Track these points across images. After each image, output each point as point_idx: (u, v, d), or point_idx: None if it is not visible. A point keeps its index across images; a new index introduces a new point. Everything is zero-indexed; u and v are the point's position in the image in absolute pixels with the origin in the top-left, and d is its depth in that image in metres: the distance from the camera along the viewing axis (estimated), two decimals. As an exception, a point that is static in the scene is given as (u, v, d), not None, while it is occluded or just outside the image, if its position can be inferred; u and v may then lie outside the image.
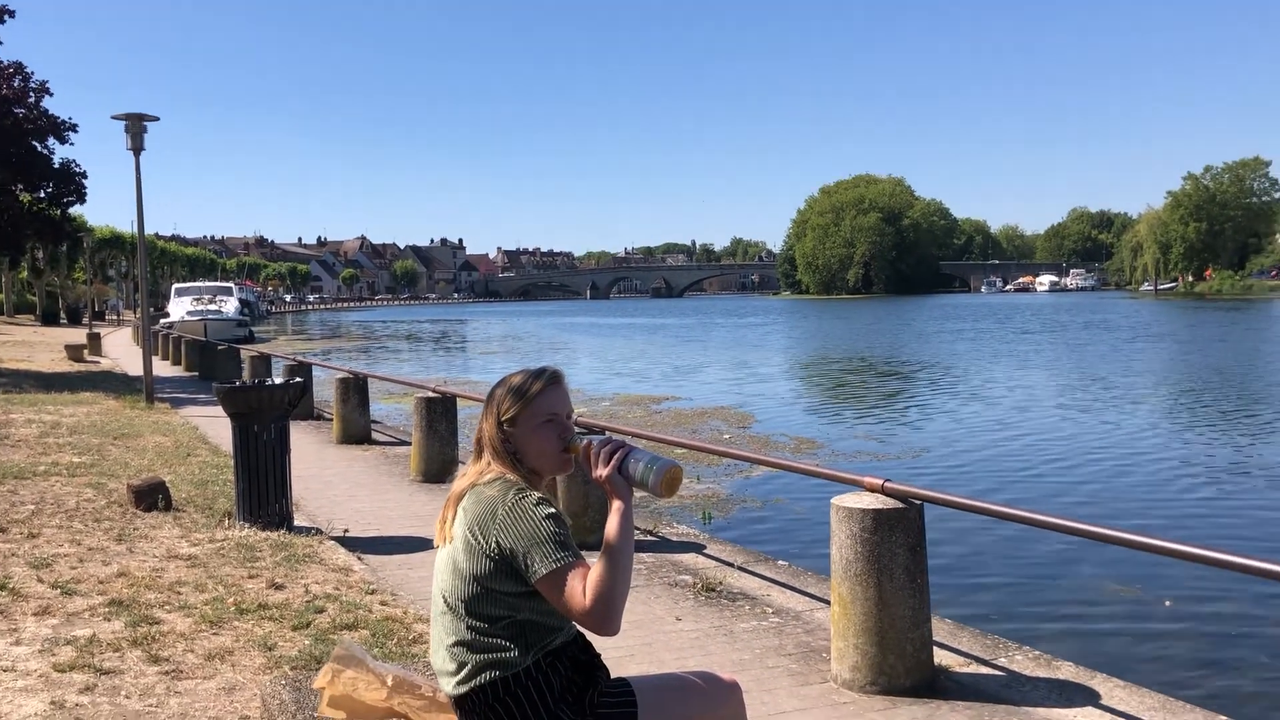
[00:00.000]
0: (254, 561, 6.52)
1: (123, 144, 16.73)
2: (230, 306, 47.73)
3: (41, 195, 26.85)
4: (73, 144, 28.08)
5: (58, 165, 26.27)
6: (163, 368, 27.40)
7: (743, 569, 6.79)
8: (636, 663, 4.88)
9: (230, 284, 64.48)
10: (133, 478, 8.74)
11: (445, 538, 2.65)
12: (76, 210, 30.58)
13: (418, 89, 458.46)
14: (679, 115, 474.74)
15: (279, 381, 8.19)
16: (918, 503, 4.56)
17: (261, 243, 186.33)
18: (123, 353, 35.30)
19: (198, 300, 47.29)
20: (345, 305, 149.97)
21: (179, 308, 46.62)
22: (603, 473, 2.54)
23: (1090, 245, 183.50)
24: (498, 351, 44.74)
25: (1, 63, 24.84)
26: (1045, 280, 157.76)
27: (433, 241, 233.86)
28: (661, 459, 2.52)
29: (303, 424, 14.76)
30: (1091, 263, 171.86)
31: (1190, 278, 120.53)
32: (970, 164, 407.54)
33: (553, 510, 2.54)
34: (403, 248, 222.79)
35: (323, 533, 7.58)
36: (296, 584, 6.03)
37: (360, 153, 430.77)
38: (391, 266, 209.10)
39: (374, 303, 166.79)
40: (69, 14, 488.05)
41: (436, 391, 10.90)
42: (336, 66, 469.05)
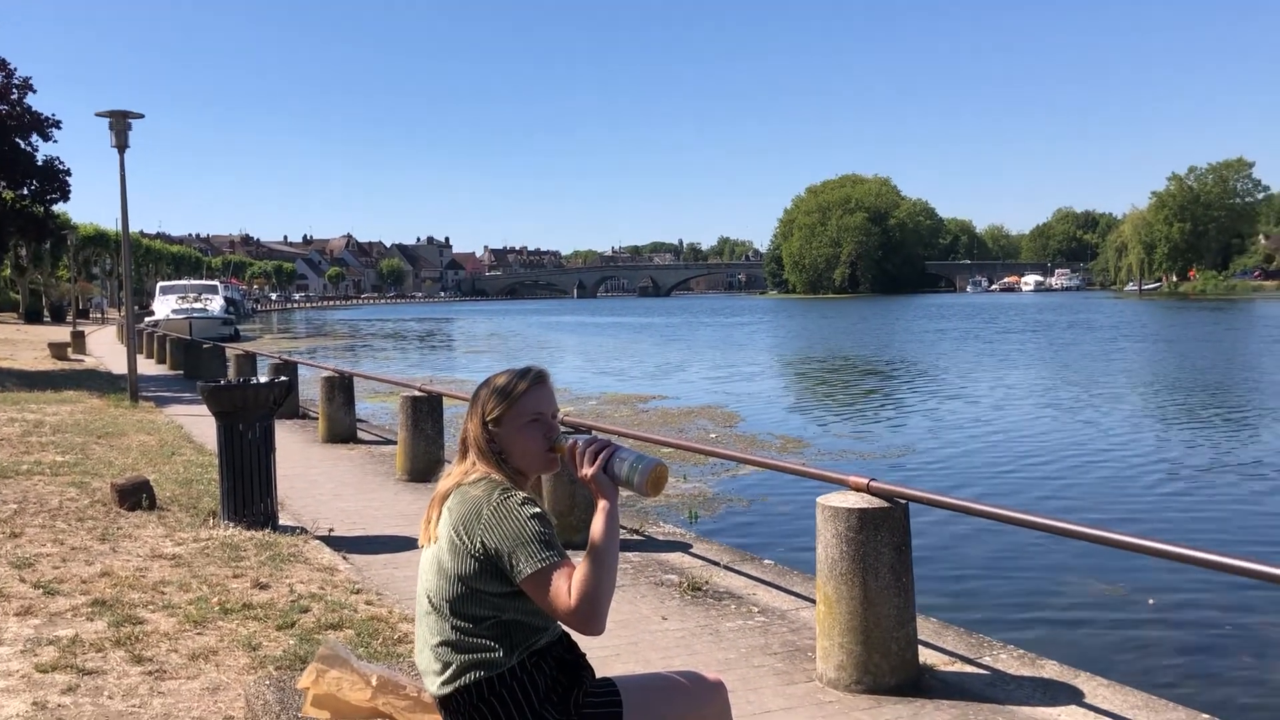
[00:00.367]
0: (238, 561, 6.49)
1: (107, 141, 16.66)
2: (215, 305, 47.58)
3: (25, 192, 26.71)
4: (56, 141, 28.02)
5: (41, 162, 26.17)
6: (147, 366, 27.27)
7: (729, 568, 6.79)
8: (622, 662, 4.88)
9: (215, 282, 64.30)
10: (116, 477, 8.70)
11: (430, 538, 2.64)
12: (60, 207, 30.50)
13: (405, 87, 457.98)
14: (666, 115, 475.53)
15: (264, 380, 8.16)
16: (903, 502, 4.57)
17: (247, 241, 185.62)
18: (107, 351, 35.13)
19: (183, 298, 47.12)
20: (331, 304, 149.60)
21: (164, 306, 46.44)
22: (588, 472, 2.53)
23: (1075, 245, 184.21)
24: (484, 350, 44.68)
25: (-16, 60, 24.71)
26: (1030, 280, 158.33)
27: (419, 240, 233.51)
28: (647, 458, 2.52)
29: (288, 423, 14.71)
30: (1076, 263, 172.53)
31: (1174, 278, 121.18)
32: (956, 164, 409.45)
33: (538, 510, 2.53)
34: (389, 246, 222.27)
35: (308, 532, 7.56)
36: (281, 584, 6.01)
37: (347, 151, 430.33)
38: (378, 265, 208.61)
39: (360, 301, 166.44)
40: (52, 10, 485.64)
41: (422, 390, 10.88)
42: (323, 65, 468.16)
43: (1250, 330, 46.12)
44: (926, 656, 4.87)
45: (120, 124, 16.59)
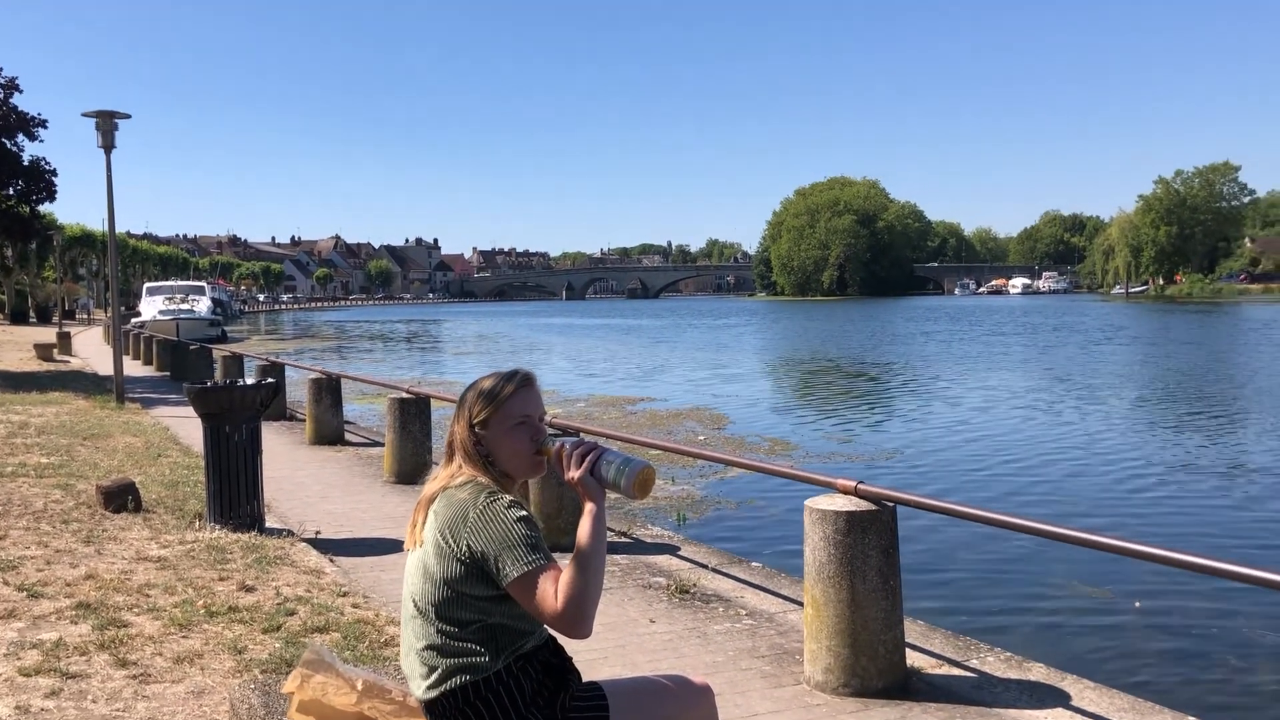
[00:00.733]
0: (224, 564, 6.46)
1: (93, 140, 16.58)
2: (203, 306, 47.43)
3: (10, 193, 26.58)
4: (43, 141, 27.86)
5: (27, 163, 26.03)
6: (134, 367, 27.15)
7: (717, 571, 6.79)
8: (609, 665, 4.87)
9: (203, 283, 64.09)
10: (102, 479, 8.66)
11: (416, 541, 2.63)
12: (46, 208, 30.34)
13: (394, 88, 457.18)
14: (656, 117, 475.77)
15: (251, 382, 8.12)
16: (890, 505, 4.57)
17: (235, 242, 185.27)
18: (93, 352, 34.98)
19: (170, 299, 46.95)
20: (319, 305, 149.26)
21: (151, 307, 46.26)
22: (575, 475, 2.53)
23: (1063, 248, 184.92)
24: (472, 352, 44.62)
25: (-31, 60, 24.62)
26: (1018, 283, 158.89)
27: (408, 241, 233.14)
28: (634, 460, 2.51)
29: (275, 425, 14.67)
30: (1064, 265, 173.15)
31: (1161, 281, 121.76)
32: (945, 167, 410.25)
33: (524, 513, 2.53)
34: (377, 247, 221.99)
35: (294, 534, 7.53)
36: (267, 586, 5.98)
37: (335, 151, 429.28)
38: (366, 266, 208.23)
39: (348, 303, 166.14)
40: (39, 9, 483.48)
41: (410, 392, 10.85)
42: (311, 65, 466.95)
43: (1235, 333, 46.34)
44: (914, 659, 4.87)
45: (107, 124, 16.51)
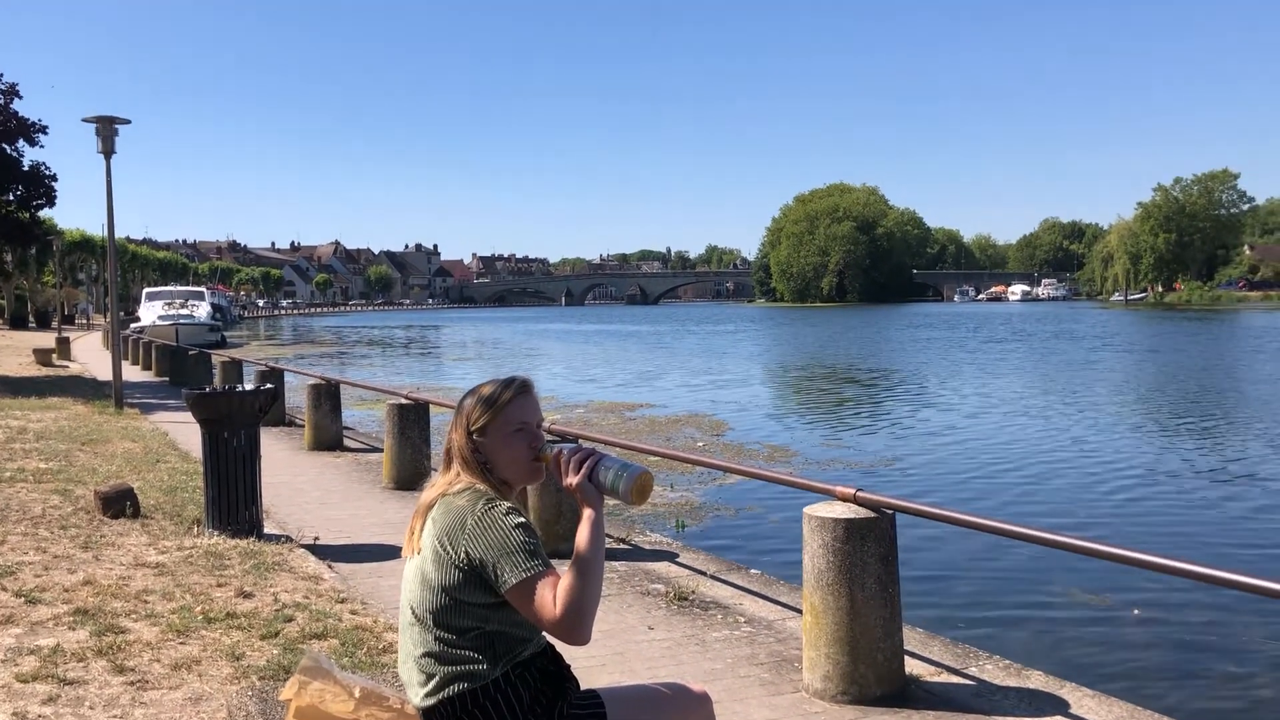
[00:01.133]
0: (223, 570, 6.45)
1: (93, 146, 16.58)
2: (202, 311, 47.41)
3: (10, 198, 26.58)
4: (42, 146, 27.83)
5: (27, 168, 26.03)
6: (133, 373, 27.12)
7: (715, 578, 6.78)
8: (608, 673, 4.86)
9: (202, 289, 64.08)
10: (100, 484, 8.64)
11: (414, 549, 2.62)
12: (46, 213, 30.32)
13: (394, 94, 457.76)
14: (655, 122, 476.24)
15: (250, 388, 8.13)
16: (889, 512, 4.57)
17: (234, 247, 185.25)
18: (92, 357, 34.96)
19: (169, 305, 46.93)
20: (318, 310, 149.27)
21: (150, 312, 46.25)
22: (573, 481, 2.53)
23: (1062, 255, 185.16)
24: (471, 358, 44.61)
25: (-31, 67, 24.67)
26: (1017, 290, 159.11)
27: (407, 247, 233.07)
28: (632, 466, 2.51)
29: (274, 430, 14.65)
30: (1063, 273, 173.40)
31: (1160, 288, 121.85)
32: (944, 174, 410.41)
33: (522, 520, 2.52)
34: (377, 253, 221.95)
35: (293, 540, 7.52)
36: (265, 592, 5.97)
37: (334, 157, 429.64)
38: (365, 272, 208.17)
39: (348, 308, 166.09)
40: (39, 14, 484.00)
41: (409, 398, 10.85)
42: (312, 71, 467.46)
43: (1233, 341, 46.35)
44: (912, 667, 4.87)
45: (107, 130, 16.51)
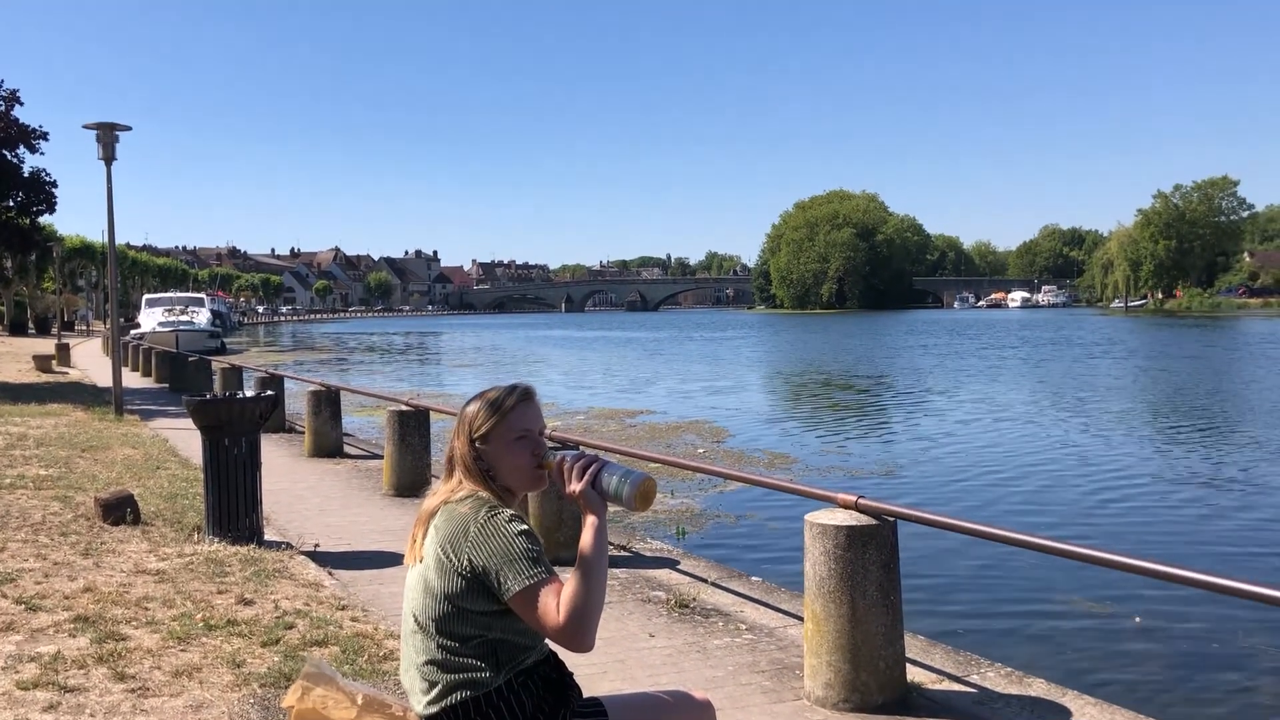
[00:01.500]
0: (223, 577, 6.44)
1: (93, 152, 16.61)
2: (202, 318, 47.47)
3: (10, 205, 26.60)
4: (43, 153, 27.81)
5: (27, 174, 26.06)
6: (132, 379, 27.13)
7: (716, 585, 6.77)
8: (609, 680, 4.86)
9: (202, 295, 64.08)
10: (100, 491, 8.64)
11: (416, 557, 2.62)
12: (46, 219, 30.36)
13: (394, 101, 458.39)
14: (655, 129, 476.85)
15: (250, 394, 8.12)
16: (891, 520, 4.56)
17: (234, 253, 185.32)
18: (92, 364, 34.94)
19: (169, 311, 46.99)
20: (318, 317, 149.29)
21: (150, 319, 46.30)
22: (576, 487, 2.52)
23: (1062, 262, 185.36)
24: (471, 364, 44.60)
25: (-30, 73, 24.73)
26: (1017, 296, 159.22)
27: (407, 253, 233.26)
28: (635, 472, 2.51)
29: (274, 437, 14.64)
30: (1063, 279, 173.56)
31: (1160, 295, 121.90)
32: (943, 181, 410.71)
33: (525, 527, 2.52)
34: (377, 259, 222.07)
35: (293, 547, 7.51)
36: (266, 600, 5.96)
37: (335, 163, 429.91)
38: (365, 278, 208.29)
39: (347, 315, 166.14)
40: (40, 20, 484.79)
41: (409, 405, 10.84)
42: (312, 77, 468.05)
43: (1234, 348, 46.34)
44: (914, 675, 4.86)
45: (107, 136, 16.54)
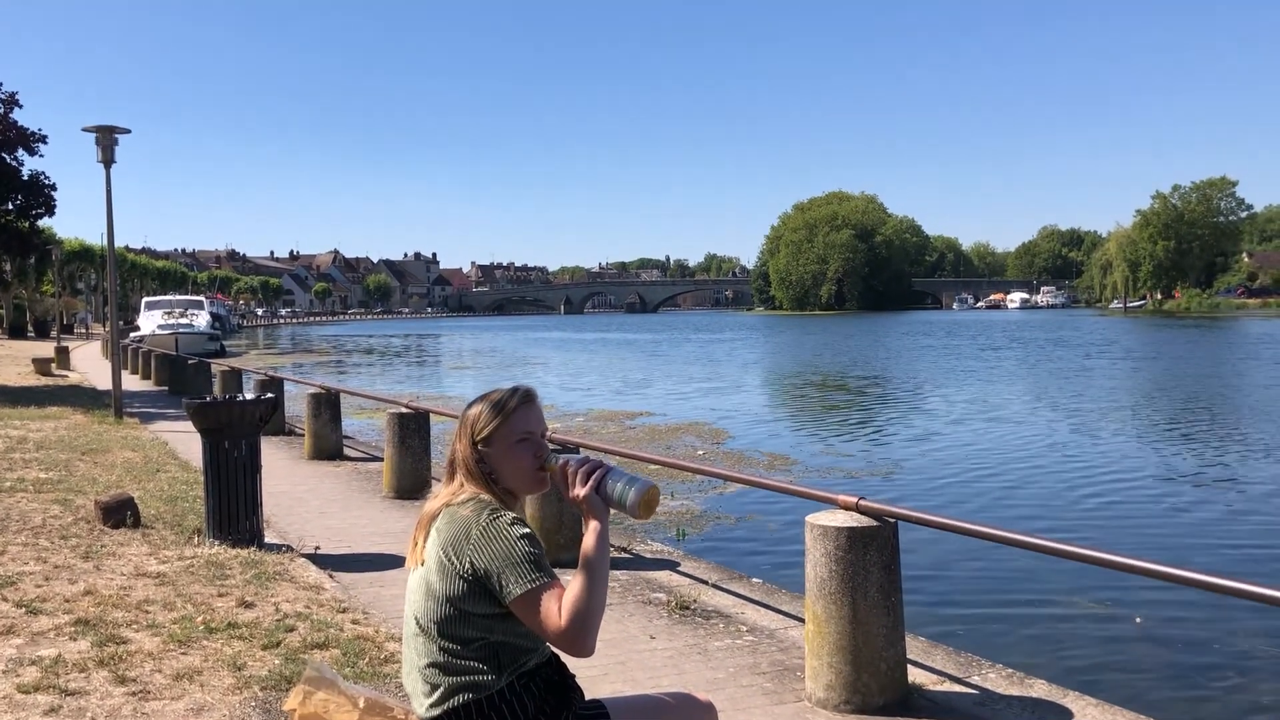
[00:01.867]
0: (224, 579, 6.44)
1: (92, 155, 16.60)
2: (201, 320, 47.47)
3: (9, 208, 26.59)
4: (42, 156, 27.78)
5: (26, 177, 26.04)
6: (132, 382, 27.12)
7: (717, 586, 6.77)
8: (610, 682, 4.86)
9: (201, 298, 64.13)
10: (100, 494, 8.63)
11: (417, 560, 2.62)
12: (45, 222, 30.34)
13: (393, 103, 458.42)
14: (654, 131, 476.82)
15: (250, 397, 8.11)
16: (892, 521, 4.56)
17: (233, 256, 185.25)
18: (91, 367, 34.93)
19: (169, 314, 46.99)
20: (317, 319, 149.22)
21: (149, 321, 46.30)
22: (581, 492, 2.52)
23: (1061, 263, 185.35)
24: (470, 367, 44.59)
25: (-31, 76, 24.72)
26: (1016, 297, 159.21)
27: (406, 255, 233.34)
28: (640, 479, 2.51)
29: (274, 439, 14.64)
30: (1062, 280, 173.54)
31: (1159, 295, 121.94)
32: (942, 182, 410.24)
33: (527, 530, 2.52)
34: (376, 262, 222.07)
35: (294, 550, 7.51)
36: (267, 602, 5.96)
37: (334, 166, 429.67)
38: (364, 280, 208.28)
39: (346, 317, 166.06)
40: (39, 23, 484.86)
41: (409, 407, 10.84)
42: (310, 80, 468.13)
43: (1233, 348, 46.36)
44: (915, 676, 4.86)
45: (107, 139, 16.53)
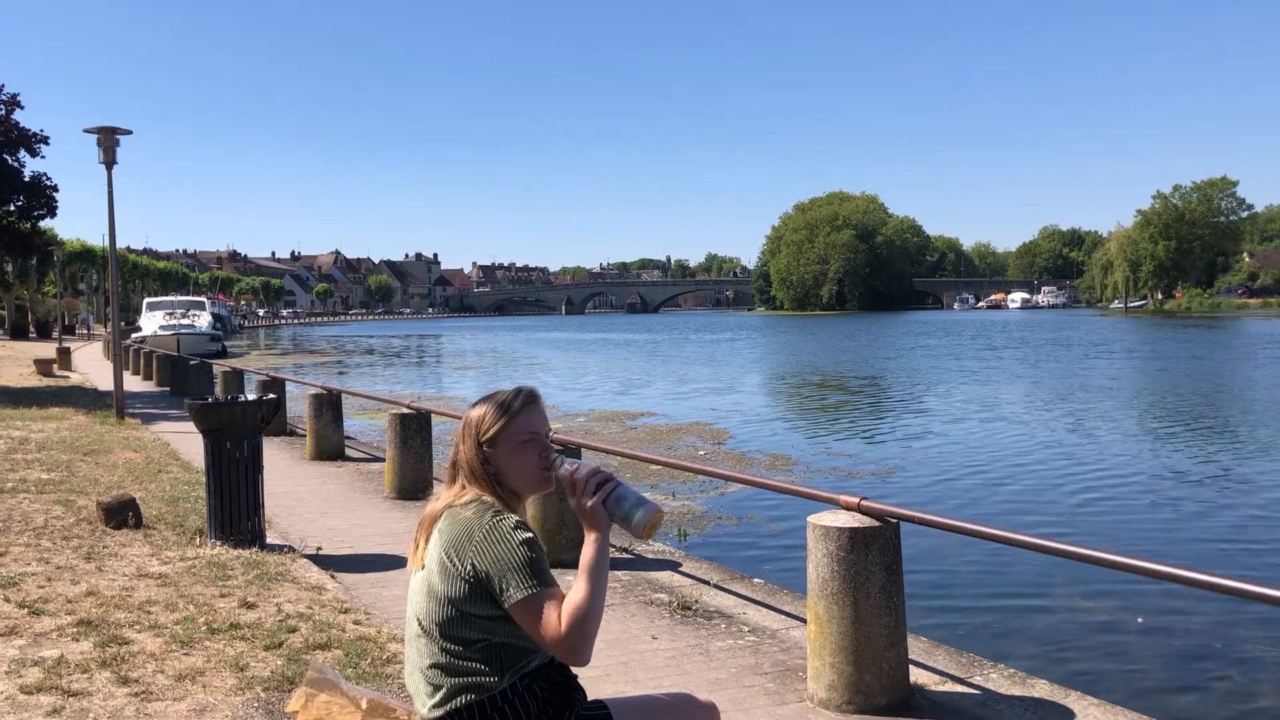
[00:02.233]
0: (226, 580, 6.44)
1: (94, 156, 16.61)
2: (203, 321, 47.51)
3: (11, 209, 26.60)
4: (44, 157, 27.83)
5: (28, 178, 26.04)
6: (134, 383, 27.15)
7: (719, 587, 6.77)
8: (612, 683, 4.86)
9: (203, 298, 64.14)
10: (102, 495, 8.64)
11: (419, 562, 2.62)
12: (47, 223, 30.35)
13: (393, 104, 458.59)
14: (655, 131, 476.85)
15: (252, 397, 8.12)
16: (894, 521, 4.56)
17: (234, 257, 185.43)
18: (93, 367, 34.96)
19: (170, 315, 47.06)
20: (319, 320, 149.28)
21: (151, 322, 46.37)
22: (590, 503, 2.53)
23: (1062, 263, 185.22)
24: (472, 367, 44.60)
25: (-29, 78, 24.72)
26: (1017, 297, 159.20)
27: (407, 256, 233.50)
28: (648, 502, 2.54)
29: (275, 440, 14.64)
30: (1063, 280, 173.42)
31: (1160, 295, 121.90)
32: (943, 182, 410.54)
33: (530, 535, 2.52)
34: (377, 262, 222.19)
35: (295, 551, 7.52)
36: (269, 603, 5.96)
37: (335, 166, 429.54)
38: (365, 281, 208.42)
39: (348, 318, 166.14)
40: (41, 24, 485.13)
41: (411, 408, 10.85)
42: (311, 80, 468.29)
43: (1234, 348, 46.34)
44: (917, 676, 4.86)
45: (108, 140, 16.54)
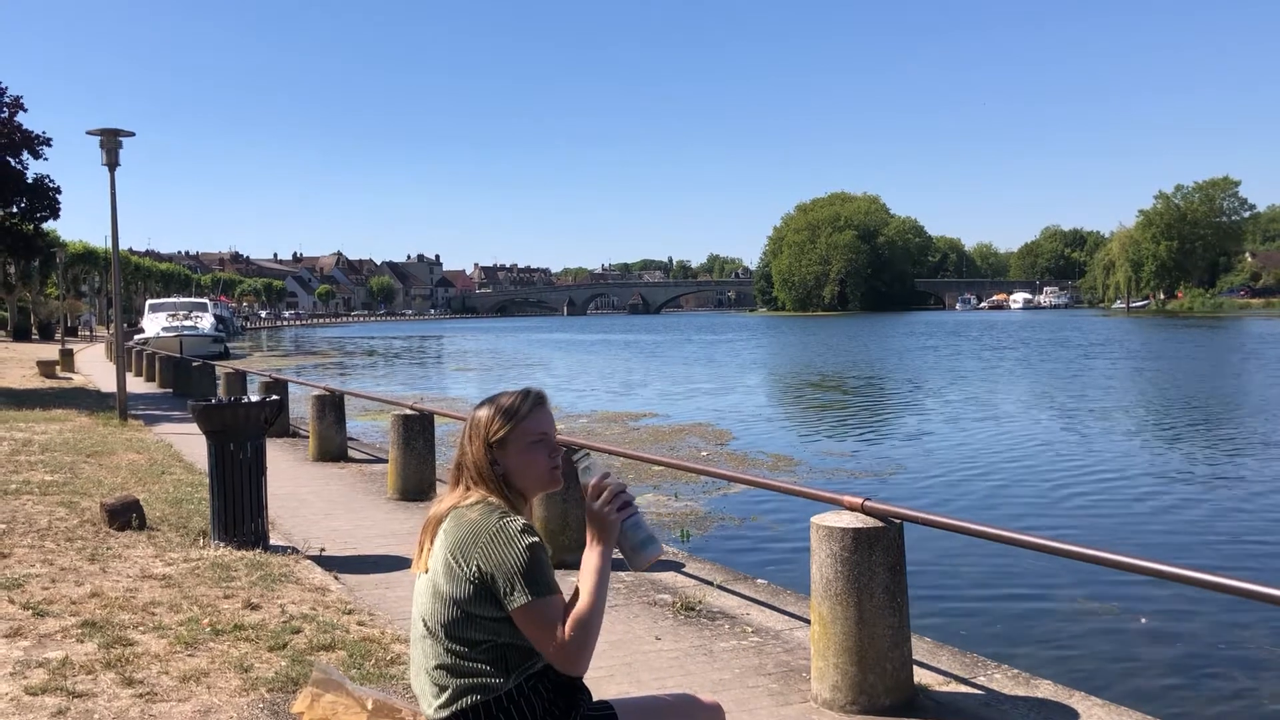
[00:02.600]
0: (229, 581, 6.45)
1: (96, 157, 16.63)
2: (206, 322, 47.55)
3: (14, 211, 26.65)
4: (46, 159, 27.89)
5: (31, 180, 26.08)
6: (136, 384, 27.16)
7: (722, 587, 6.77)
8: (616, 683, 4.86)
9: (205, 300, 64.23)
10: (106, 496, 8.65)
11: (423, 564, 2.63)
12: (49, 225, 30.41)
13: (395, 105, 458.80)
14: (655, 131, 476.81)
15: (255, 399, 8.13)
16: (898, 522, 4.57)
17: (237, 258, 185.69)
18: (96, 369, 34.98)
19: (173, 316, 47.08)
20: (321, 321, 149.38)
21: (154, 324, 46.39)
22: (613, 518, 2.54)
23: (1064, 263, 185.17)
24: (474, 368, 44.62)
25: (-26, 82, 24.74)
26: (1019, 298, 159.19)
27: (409, 257, 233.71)
28: (656, 542, 2.59)
29: (278, 441, 14.66)
30: (1065, 280, 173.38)
31: (1162, 295, 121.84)
32: (945, 182, 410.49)
33: (536, 539, 2.53)
34: (379, 264, 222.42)
35: (299, 552, 7.52)
36: (273, 604, 5.97)
37: (336, 166, 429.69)
38: (368, 282, 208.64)
39: (350, 319, 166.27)
40: (43, 26, 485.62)
41: (414, 409, 10.85)
42: (313, 81, 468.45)
43: (1237, 348, 46.30)
44: (921, 676, 4.86)
45: (111, 142, 16.56)
